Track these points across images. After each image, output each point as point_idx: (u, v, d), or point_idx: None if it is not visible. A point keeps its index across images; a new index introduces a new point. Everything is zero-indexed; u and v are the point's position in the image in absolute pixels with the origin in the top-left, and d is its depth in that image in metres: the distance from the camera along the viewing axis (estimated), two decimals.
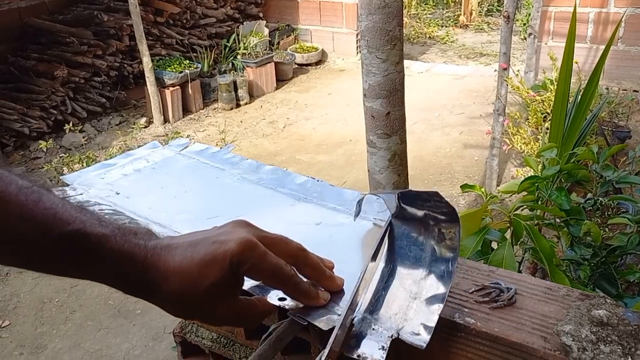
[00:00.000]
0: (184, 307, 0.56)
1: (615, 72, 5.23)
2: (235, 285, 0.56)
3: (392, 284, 0.61)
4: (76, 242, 0.51)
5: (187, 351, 0.86)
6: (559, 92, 2.18)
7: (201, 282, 0.53)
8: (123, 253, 0.53)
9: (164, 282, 0.53)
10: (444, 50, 7.55)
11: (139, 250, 0.53)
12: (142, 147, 0.99)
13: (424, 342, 0.54)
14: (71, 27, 5.24)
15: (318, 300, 0.59)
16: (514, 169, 4.09)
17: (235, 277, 0.55)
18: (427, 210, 0.62)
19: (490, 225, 1.33)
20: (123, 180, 0.87)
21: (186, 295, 0.54)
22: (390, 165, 1.99)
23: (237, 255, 0.53)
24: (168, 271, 0.53)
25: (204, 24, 6.36)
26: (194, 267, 0.53)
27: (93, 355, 2.81)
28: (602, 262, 1.38)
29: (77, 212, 0.53)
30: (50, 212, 0.51)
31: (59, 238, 0.51)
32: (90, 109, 5.27)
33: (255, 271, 0.56)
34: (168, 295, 0.54)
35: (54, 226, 0.51)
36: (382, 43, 1.80)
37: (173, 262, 0.54)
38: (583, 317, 0.56)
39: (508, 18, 3.45)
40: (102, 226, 0.53)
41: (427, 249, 0.62)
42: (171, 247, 0.55)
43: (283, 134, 5.18)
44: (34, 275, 3.42)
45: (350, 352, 0.55)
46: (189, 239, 0.56)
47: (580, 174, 1.55)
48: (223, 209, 0.79)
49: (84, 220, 0.52)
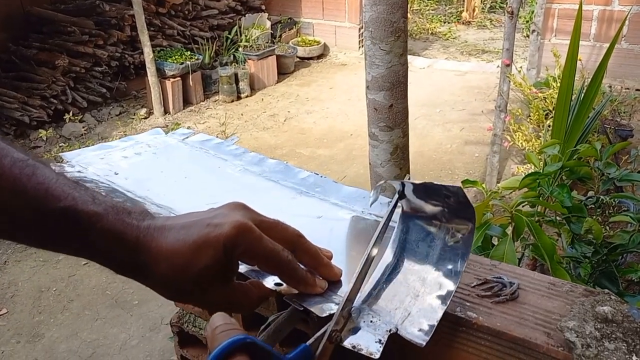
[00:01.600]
0: (175, 289, 0.55)
1: (619, 70, 5.21)
2: (229, 270, 0.55)
3: (396, 278, 0.59)
4: (67, 219, 0.50)
5: (184, 341, 0.85)
6: (562, 89, 2.16)
7: (193, 265, 0.52)
8: (114, 233, 0.51)
9: (155, 264, 0.52)
10: (446, 46, 7.52)
11: (131, 231, 0.52)
12: (144, 133, 0.97)
13: (424, 341, 0.53)
14: (73, 17, 5.22)
15: (315, 288, 0.58)
16: (514, 166, 4.08)
17: (229, 261, 0.53)
18: (443, 206, 0.59)
19: (491, 221, 1.32)
20: (123, 162, 0.86)
21: (178, 278, 0.53)
22: (392, 159, 1.98)
23: (231, 239, 0.52)
24: (160, 253, 0.52)
25: (206, 16, 6.33)
26: (186, 249, 0.52)
27: (90, 344, 2.81)
28: (603, 260, 1.38)
29: (70, 188, 0.51)
30: (43, 187, 0.50)
31: (50, 214, 0.50)
32: (91, 99, 5.26)
33: (250, 256, 0.55)
34: (159, 277, 0.53)
35: (45, 202, 0.49)
36: (386, 34, 1.78)
37: (165, 244, 0.52)
38: (587, 314, 0.55)
39: (512, 14, 3.43)
40: (95, 204, 0.51)
41: (436, 246, 0.60)
42: (164, 228, 0.53)
43: (284, 128, 5.17)
44: (32, 264, 3.41)
45: (346, 342, 0.54)
46: (183, 220, 0.54)
47: (582, 171, 1.54)
48: (222, 197, 0.78)
49: (75, 197, 0.51)
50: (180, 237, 0.52)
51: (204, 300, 0.56)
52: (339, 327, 0.54)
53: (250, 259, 0.56)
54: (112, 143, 0.92)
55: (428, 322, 0.54)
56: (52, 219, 0.50)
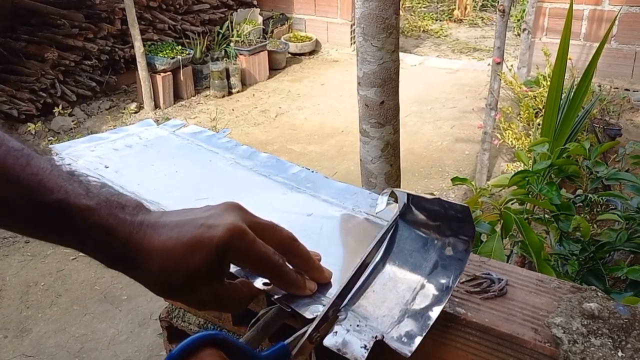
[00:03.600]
0: (165, 287, 0.55)
1: (608, 70, 5.25)
2: (221, 271, 0.55)
3: (385, 286, 0.59)
4: (58, 212, 0.50)
5: (173, 337, 0.85)
6: (552, 88, 2.18)
7: (184, 265, 0.52)
8: (106, 227, 0.51)
9: (146, 261, 0.52)
10: (437, 44, 7.54)
11: (123, 226, 0.52)
12: (135, 124, 0.97)
13: (409, 352, 0.52)
14: (62, 9, 5.17)
15: (304, 290, 0.58)
16: (504, 164, 4.11)
17: (220, 262, 0.54)
18: (444, 220, 0.59)
19: (480, 218, 1.32)
20: (113, 154, 0.85)
21: (169, 276, 0.52)
22: (383, 155, 1.98)
23: (224, 241, 0.52)
24: (152, 250, 0.52)
25: (197, 10, 6.30)
26: (178, 248, 0.52)
27: (78, 339, 2.79)
28: (590, 258, 1.39)
29: (64, 180, 0.51)
30: (37, 179, 0.49)
31: (42, 206, 0.49)
32: (80, 92, 5.21)
33: (242, 259, 0.55)
34: (150, 274, 0.53)
35: (38, 193, 0.49)
36: (378, 31, 1.78)
37: (158, 242, 0.52)
38: (574, 310, 0.56)
39: (503, 12, 3.44)
40: (88, 197, 0.51)
41: (430, 258, 0.59)
42: (158, 225, 0.53)
43: (275, 123, 5.16)
44: (20, 258, 3.39)
45: (330, 344, 0.54)
46: (177, 218, 0.54)
47: (571, 170, 1.55)
48: (213, 192, 0.78)
49: (68, 191, 0.50)
50: (173, 236, 0.52)
51: (194, 298, 0.56)
52: (320, 328, 0.54)
53: (241, 261, 0.56)
54: (103, 135, 0.91)
55: (415, 333, 0.54)
56: (44, 211, 0.50)
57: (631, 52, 5.27)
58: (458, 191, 3.88)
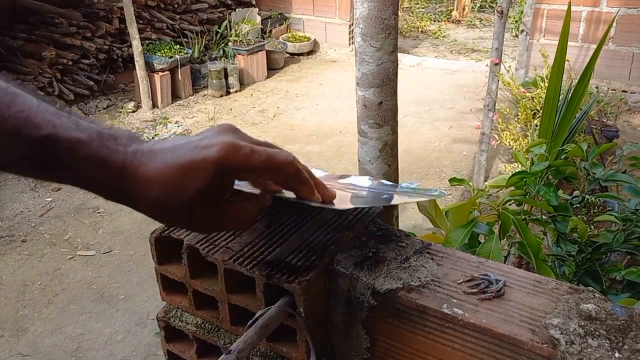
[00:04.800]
0: (166, 215, 0.53)
1: (605, 71, 5.26)
2: (221, 191, 0.53)
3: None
4: (47, 147, 0.49)
5: (170, 336, 0.84)
6: (550, 89, 2.18)
7: (183, 189, 0.51)
8: (98, 160, 0.50)
9: (144, 190, 0.51)
10: (435, 44, 7.54)
11: (116, 157, 0.50)
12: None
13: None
14: (60, 8, 5.16)
15: (313, 195, 0.57)
16: (501, 165, 4.11)
17: (221, 182, 0.52)
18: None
19: (478, 219, 1.33)
20: None
21: (168, 202, 0.51)
22: (381, 156, 1.98)
23: (221, 159, 0.51)
24: (147, 179, 0.50)
25: (196, 9, 6.29)
26: (174, 173, 0.50)
27: (75, 339, 2.79)
28: (587, 259, 1.39)
29: (51, 115, 0.49)
30: (23, 115, 0.48)
31: (30, 143, 0.48)
32: (78, 91, 5.20)
33: (247, 171, 0.53)
34: (149, 202, 0.52)
35: (25, 130, 0.48)
36: (377, 31, 1.78)
37: (153, 169, 0.51)
38: (571, 311, 0.56)
39: (502, 13, 3.45)
40: (79, 130, 0.50)
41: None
42: (152, 152, 0.51)
43: (272, 123, 5.16)
44: (16, 257, 3.38)
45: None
46: (171, 143, 0.53)
47: (569, 171, 1.55)
48: None
49: (56, 125, 0.49)
50: (167, 161, 0.51)
51: (199, 222, 0.55)
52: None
53: (247, 174, 0.54)
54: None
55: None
56: (32, 147, 0.49)
57: (629, 54, 5.28)
58: (455, 192, 3.89)
